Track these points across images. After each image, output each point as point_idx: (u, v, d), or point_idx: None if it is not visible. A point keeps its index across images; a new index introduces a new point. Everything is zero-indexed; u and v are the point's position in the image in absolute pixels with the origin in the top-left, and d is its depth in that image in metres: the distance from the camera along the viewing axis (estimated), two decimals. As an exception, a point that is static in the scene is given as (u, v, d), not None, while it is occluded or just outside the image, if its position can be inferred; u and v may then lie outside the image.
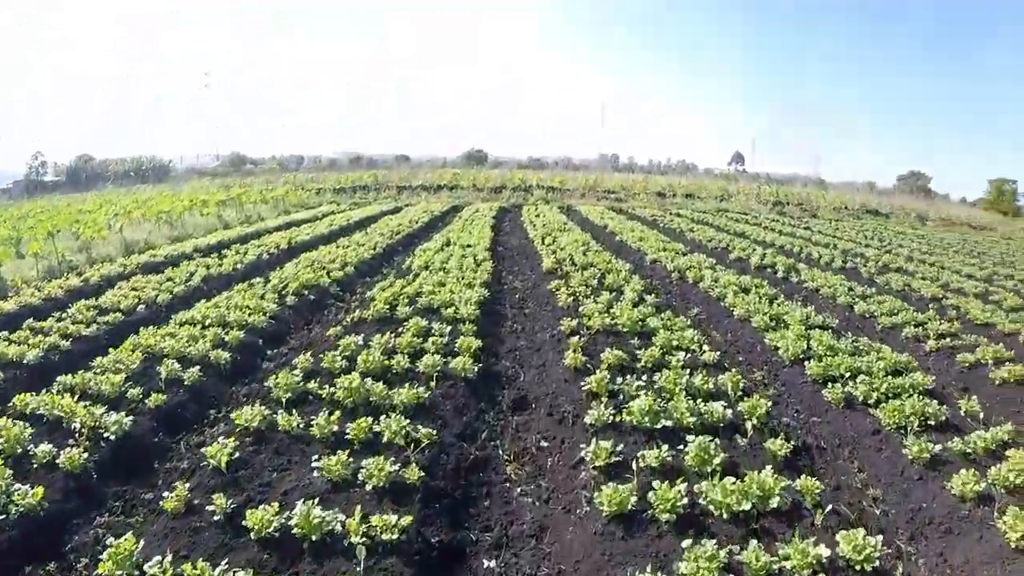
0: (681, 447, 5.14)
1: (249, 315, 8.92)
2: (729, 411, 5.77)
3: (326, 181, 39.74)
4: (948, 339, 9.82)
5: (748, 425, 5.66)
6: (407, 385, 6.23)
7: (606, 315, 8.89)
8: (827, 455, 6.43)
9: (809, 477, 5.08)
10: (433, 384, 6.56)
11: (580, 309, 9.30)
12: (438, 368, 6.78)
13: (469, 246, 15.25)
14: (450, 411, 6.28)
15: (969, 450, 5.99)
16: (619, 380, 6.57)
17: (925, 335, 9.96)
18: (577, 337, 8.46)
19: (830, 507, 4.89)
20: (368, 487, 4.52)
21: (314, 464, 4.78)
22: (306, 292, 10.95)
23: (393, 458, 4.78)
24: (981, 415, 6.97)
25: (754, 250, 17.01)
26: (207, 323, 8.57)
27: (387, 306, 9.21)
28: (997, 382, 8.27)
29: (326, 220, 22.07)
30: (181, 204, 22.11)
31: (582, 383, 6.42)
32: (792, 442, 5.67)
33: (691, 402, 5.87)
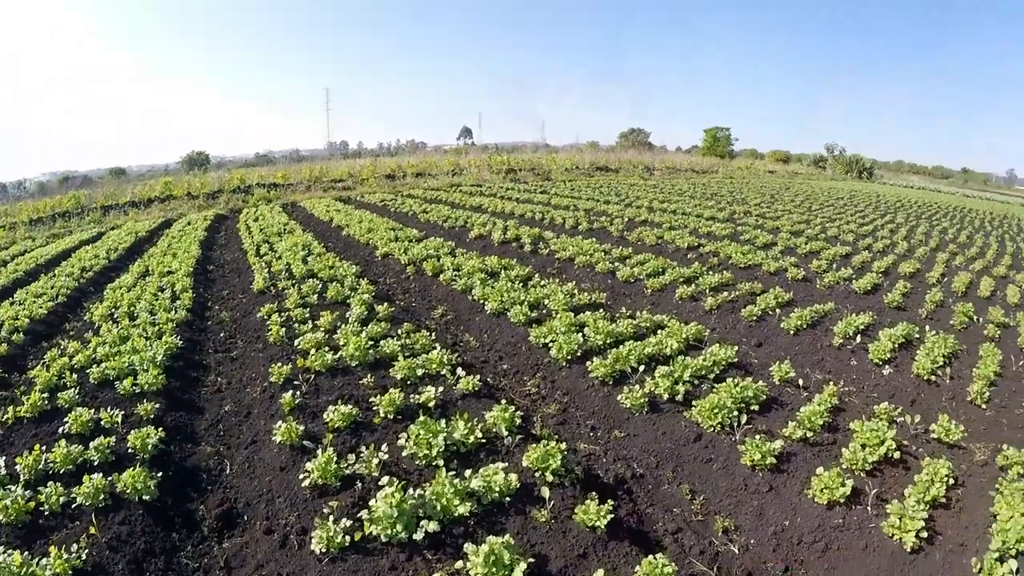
0: (461, 562, 3.98)
1: None
2: (513, 476, 4.46)
3: (21, 212, 32.63)
4: (725, 292, 10.25)
5: (545, 492, 4.72)
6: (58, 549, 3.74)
7: (327, 349, 7.17)
8: (647, 484, 5.57)
9: (653, 555, 3.88)
10: (94, 530, 4.66)
11: (296, 342, 7.34)
12: (104, 495, 5.05)
13: (170, 272, 13.35)
14: (123, 569, 4.41)
15: (807, 433, 5.78)
16: (351, 458, 5.25)
17: (700, 292, 10.40)
18: (291, 392, 6.55)
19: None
20: None
21: None
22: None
23: None
24: (796, 377, 7.04)
25: (494, 224, 16.91)
26: None
27: (48, 392, 7.22)
28: (791, 331, 8.68)
29: (10, 267, 16.77)
30: None
31: (302, 472, 5.16)
32: (608, 502, 4.43)
33: (456, 482, 4.27)
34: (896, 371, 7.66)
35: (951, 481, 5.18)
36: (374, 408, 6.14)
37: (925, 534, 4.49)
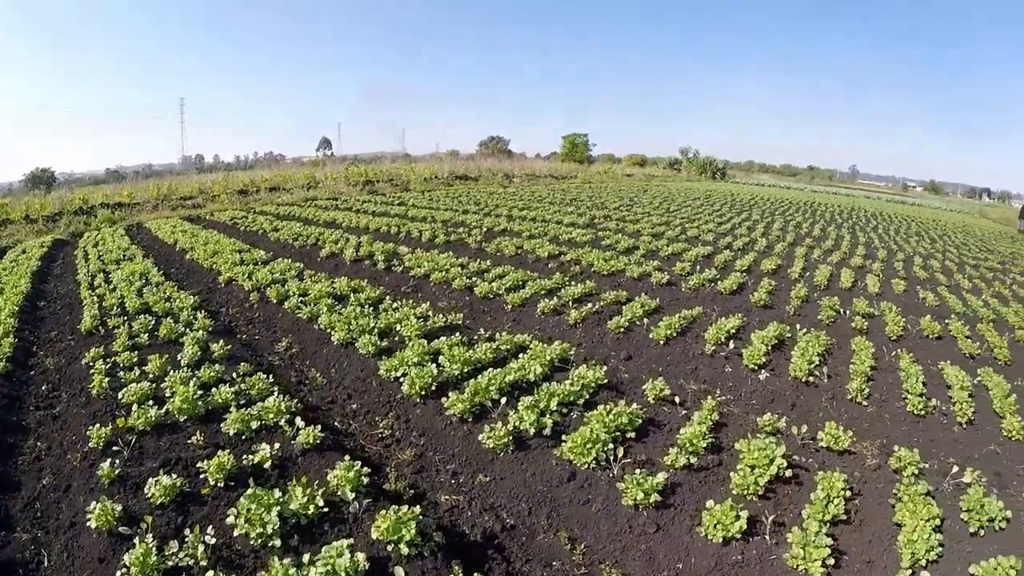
0: None
1: None
2: (361, 555, 4.20)
3: None
4: (589, 303, 10.17)
5: (400, 573, 4.27)
6: None
7: (153, 402, 6.58)
8: (520, 536, 5.19)
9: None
10: None
11: (120, 394, 6.29)
12: None
13: (-9, 315, 10.91)
14: None
15: (690, 458, 5.59)
16: (174, 545, 4.46)
17: (563, 305, 10.25)
18: (110, 461, 5.49)
19: None
20: None
21: None
22: None
23: None
24: (672, 393, 6.92)
25: (347, 240, 16.26)
26: None
27: None
28: (661, 341, 8.67)
29: None
30: None
31: (120, 568, 4.42)
32: (475, 575, 3.89)
33: (293, 572, 3.60)
34: (773, 374, 7.83)
35: (848, 494, 5.17)
36: (203, 475, 5.28)
37: (832, 560, 4.39)
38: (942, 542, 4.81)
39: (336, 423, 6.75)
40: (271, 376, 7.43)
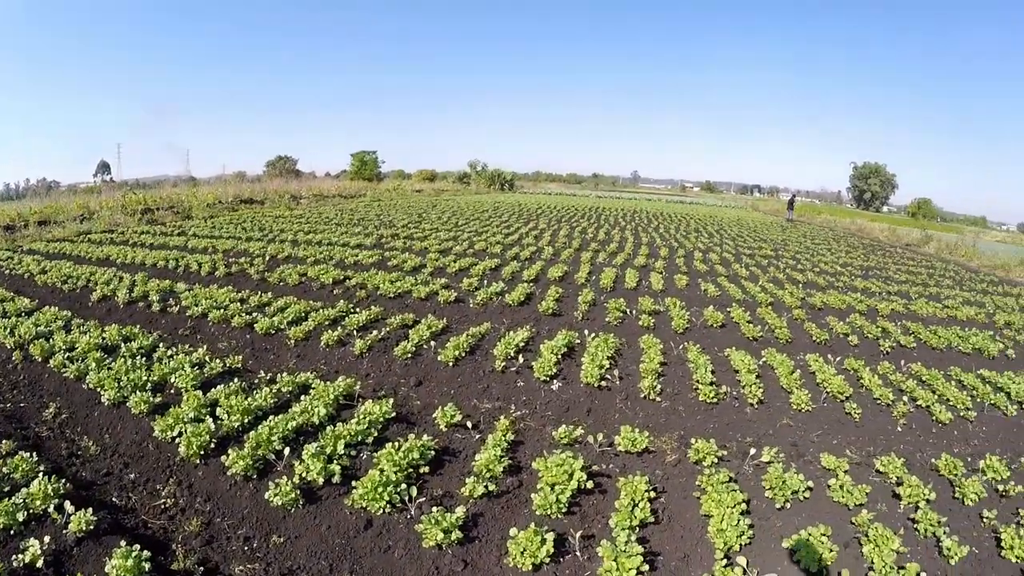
0: None
1: None
2: None
3: None
4: (375, 330, 9.86)
5: None
6: None
7: None
8: None
9: None
10: None
11: None
12: None
13: None
14: None
15: (488, 485, 5.38)
16: None
17: (348, 334, 9.83)
18: None
19: None
20: None
21: None
22: None
23: None
24: (464, 418, 6.73)
25: (121, 280, 14.50)
26: None
27: None
28: (450, 363, 8.50)
29: None
30: None
31: None
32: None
33: None
34: (566, 383, 7.89)
35: (652, 495, 5.24)
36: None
37: (647, 567, 4.36)
38: (752, 524, 5.01)
39: (114, 499, 5.86)
40: (36, 453, 6.29)
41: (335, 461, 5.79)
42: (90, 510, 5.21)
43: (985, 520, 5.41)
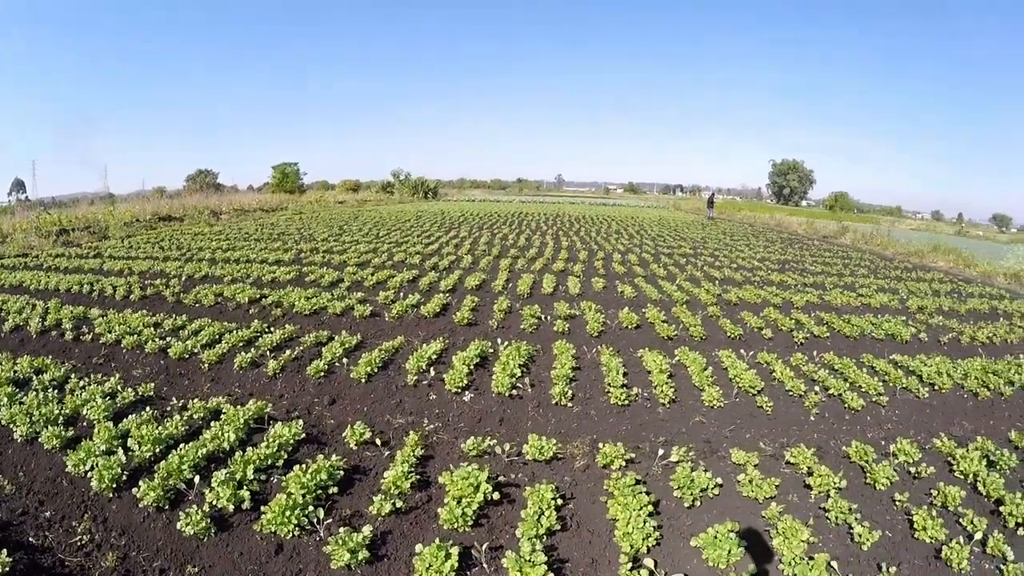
0: None
1: None
2: None
3: None
4: (288, 350, 9.75)
5: None
6: None
7: None
8: None
9: None
10: None
11: None
12: None
13: None
14: None
15: (396, 502, 5.42)
16: None
17: (261, 355, 9.70)
18: None
19: None
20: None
21: None
22: None
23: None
24: (374, 435, 6.67)
25: (34, 308, 13.74)
26: None
27: None
28: (362, 379, 8.45)
29: None
30: None
31: None
32: None
33: None
34: (478, 394, 7.95)
35: (559, 502, 5.33)
36: None
37: (552, 574, 4.45)
38: (660, 524, 5.14)
39: (31, 538, 5.70)
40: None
41: (245, 487, 5.73)
42: (5, 551, 5.08)
43: (898, 503, 5.66)
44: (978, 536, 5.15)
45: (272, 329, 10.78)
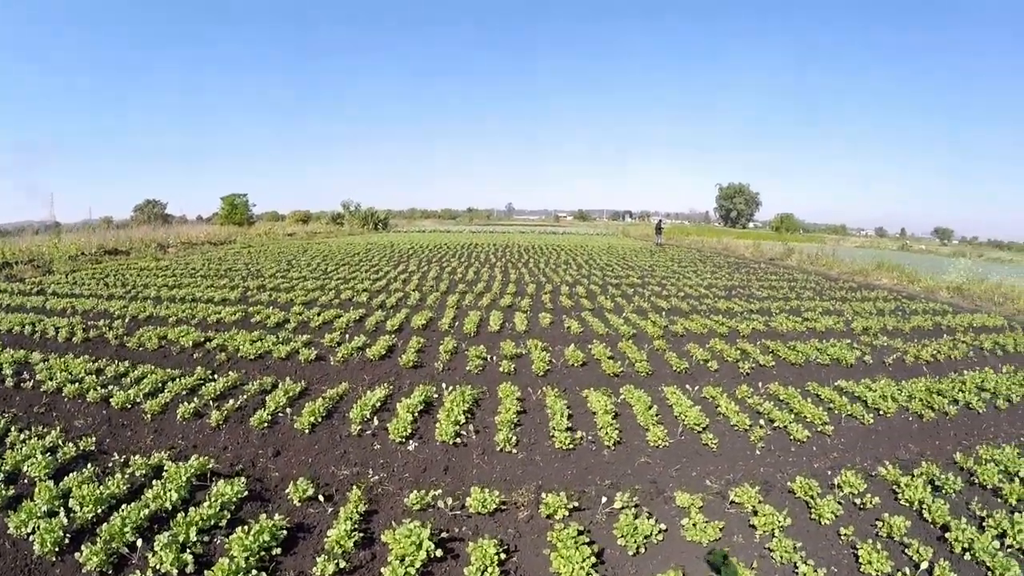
0: None
1: None
2: None
3: None
4: (232, 399, 9.63)
5: None
6: None
7: None
8: None
9: None
10: None
11: None
12: None
13: None
14: None
15: (339, 562, 5.32)
16: None
17: (205, 405, 9.51)
18: None
19: None
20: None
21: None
22: None
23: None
24: (318, 491, 6.65)
25: None
26: None
27: None
28: (306, 430, 8.38)
29: None
30: None
31: None
32: None
33: None
34: (422, 442, 7.92)
35: (503, 556, 5.34)
36: None
37: None
38: (604, 575, 5.19)
39: None
40: None
41: (188, 550, 5.61)
42: None
43: (843, 537, 5.81)
44: (924, 566, 5.32)
45: (216, 376, 10.59)
